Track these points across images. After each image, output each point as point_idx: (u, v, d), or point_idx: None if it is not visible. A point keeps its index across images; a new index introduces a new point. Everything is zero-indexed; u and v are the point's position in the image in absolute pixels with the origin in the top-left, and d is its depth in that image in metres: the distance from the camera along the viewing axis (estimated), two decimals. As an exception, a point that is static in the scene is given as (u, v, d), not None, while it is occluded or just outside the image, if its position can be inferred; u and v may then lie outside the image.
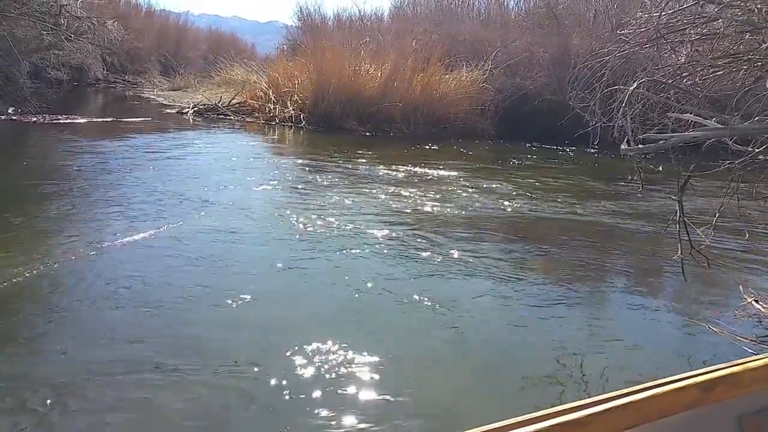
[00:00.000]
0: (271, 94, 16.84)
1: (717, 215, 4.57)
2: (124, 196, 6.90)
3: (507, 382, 3.54)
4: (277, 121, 15.94)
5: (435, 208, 7.47)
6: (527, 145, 15.01)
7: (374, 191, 8.22)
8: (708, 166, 4.49)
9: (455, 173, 10.31)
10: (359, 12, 23.74)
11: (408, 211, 7.24)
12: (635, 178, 4.45)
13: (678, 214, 4.31)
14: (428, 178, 9.71)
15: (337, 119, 15.30)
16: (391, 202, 7.57)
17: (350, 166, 10.10)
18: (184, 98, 20.37)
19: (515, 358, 3.87)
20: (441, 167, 10.77)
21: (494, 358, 3.84)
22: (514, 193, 8.99)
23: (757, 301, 4.75)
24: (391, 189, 8.49)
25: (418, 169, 10.34)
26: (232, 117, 16.50)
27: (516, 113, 16.00)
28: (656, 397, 1.28)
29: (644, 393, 1.28)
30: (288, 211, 6.83)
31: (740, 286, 5.07)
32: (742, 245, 6.39)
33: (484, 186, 9.35)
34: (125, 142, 10.96)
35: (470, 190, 8.95)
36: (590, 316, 4.77)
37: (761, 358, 1.44)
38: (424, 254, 5.64)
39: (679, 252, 4.27)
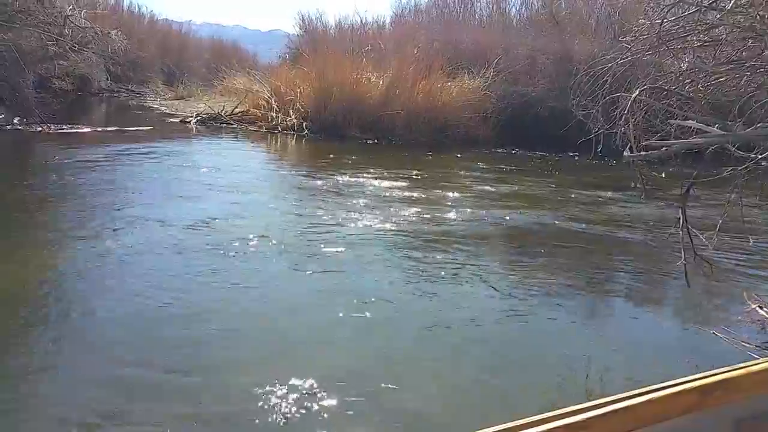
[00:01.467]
0: (273, 102, 16.89)
1: (720, 221, 4.56)
2: (121, 206, 6.89)
3: (510, 388, 3.54)
4: (280, 129, 15.98)
5: (437, 217, 7.48)
6: (529, 152, 15.02)
7: (375, 200, 8.24)
8: (711, 172, 4.49)
9: (458, 181, 10.33)
10: (361, 20, 23.72)
11: (409, 220, 7.24)
12: (638, 184, 4.45)
13: (681, 221, 4.31)
14: (430, 185, 9.72)
15: (340, 127, 15.34)
16: (392, 211, 7.58)
17: (351, 175, 10.11)
18: (187, 107, 20.45)
19: (519, 363, 3.88)
20: (443, 175, 10.80)
21: (498, 364, 3.84)
22: (517, 200, 8.99)
23: (761, 307, 4.74)
24: (392, 198, 8.51)
25: (419, 178, 10.36)
26: (235, 126, 16.57)
27: (518, 120, 16.00)
28: (654, 401, 1.28)
29: (642, 397, 1.28)
30: (289, 222, 6.85)
31: (744, 292, 5.07)
32: (745, 251, 6.39)
33: (487, 194, 9.37)
34: (129, 152, 11.00)
35: (473, 198, 8.96)
36: (594, 322, 4.78)
37: (759, 363, 1.44)
38: (426, 262, 5.65)
39: (683, 258, 4.26)
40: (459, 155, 14.00)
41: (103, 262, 5.03)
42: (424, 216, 7.40)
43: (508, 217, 7.76)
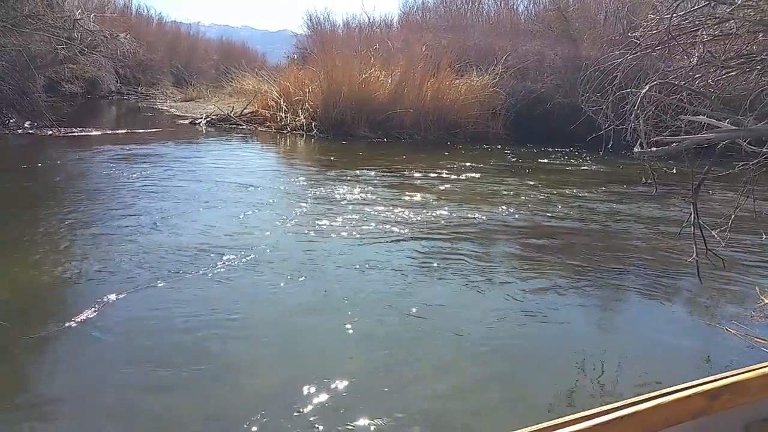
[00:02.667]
0: (282, 102, 16.94)
1: (732, 217, 4.53)
2: (126, 209, 6.87)
3: (521, 391, 3.52)
4: (289, 129, 16.04)
5: (445, 215, 7.47)
6: (539, 148, 14.96)
7: (384, 199, 8.24)
8: (722, 167, 4.46)
9: (467, 179, 10.31)
10: (368, 19, 23.87)
11: (418, 219, 7.24)
12: (649, 180, 4.43)
13: (693, 216, 4.28)
14: (440, 184, 9.71)
15: (348, 126, 15.37)
16: (401, 211, 7.58)
17: (360, 175, 10.12)
18: (196, 109, 20.55)
19: (529, 364, 3.85)
20: (453, 173, 10.77)
21: (507, 366, 3.81)
22: (527, 198, 8.97)
23: (774, 303, 4.71)
24: (402, 198, 8.51)
25: (428, 176, 10.35)
26: (244, 126, 16.63)
27: (527, 117, 15.96)
28: (662, 406, 1.28)
29: (650, 402, 1.28)
30: (295, 223, 6.86)
31: (756, 288, 5.03)
32: (757, 246, 6.34)
33: (497, 191, 9.35)
34: (138, 154, 11.07)
35: (482, 196, 8.94)
36: (605, 319, 4.76)
37: (766, 366, 1.44)
38: (433, 261, 5.65)
39: (695, 254, 4.24)
40: (468, 152, 13.96)
41: (105, 267, 5.06)
42: (433, 215, 7.39)
43: (517, 215, 7.73)
